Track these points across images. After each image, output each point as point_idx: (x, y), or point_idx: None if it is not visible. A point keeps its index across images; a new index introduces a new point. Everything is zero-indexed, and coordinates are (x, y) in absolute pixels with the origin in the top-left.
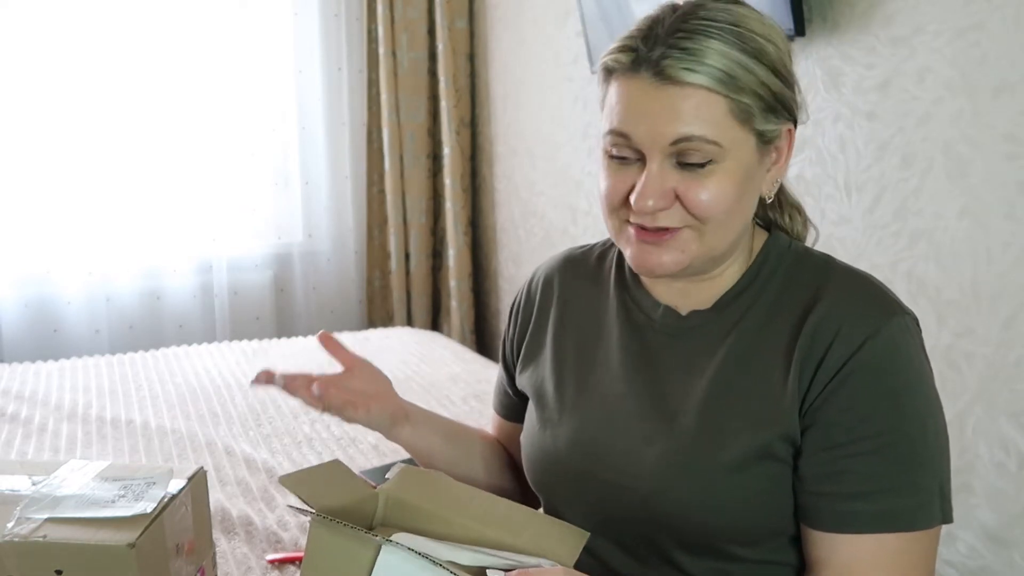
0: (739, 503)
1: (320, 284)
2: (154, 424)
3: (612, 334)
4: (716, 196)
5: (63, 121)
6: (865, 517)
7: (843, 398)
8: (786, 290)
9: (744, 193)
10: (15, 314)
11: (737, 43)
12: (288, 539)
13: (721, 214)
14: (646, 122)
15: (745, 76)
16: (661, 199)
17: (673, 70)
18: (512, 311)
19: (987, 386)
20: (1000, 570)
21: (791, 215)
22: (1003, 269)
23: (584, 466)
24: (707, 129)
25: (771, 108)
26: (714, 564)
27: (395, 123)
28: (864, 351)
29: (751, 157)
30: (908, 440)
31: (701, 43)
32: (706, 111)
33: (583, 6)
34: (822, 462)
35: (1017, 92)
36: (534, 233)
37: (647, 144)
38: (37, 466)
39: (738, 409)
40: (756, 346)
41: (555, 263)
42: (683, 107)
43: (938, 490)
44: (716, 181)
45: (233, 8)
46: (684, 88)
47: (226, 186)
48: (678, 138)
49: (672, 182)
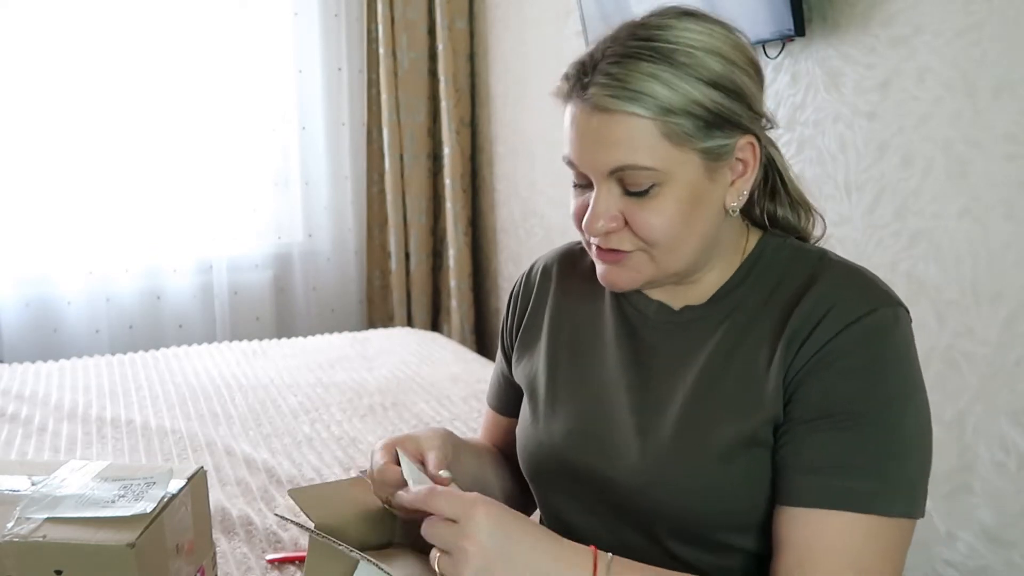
0: (730, 491)
1: (320, 284)
2: (154, 424)
3: (606, 328)
4: (661, 221)
5: (63, 121)
6: (823, 491)
7: (822, 375)
8: (780, 284)
9: (693, 213)
10: (15, 314)
11: (667, 62)
12: (288, 539)
13: (668, 239)
14: (586, 151)
15: (674, 97)
16: (610, 222)
17: (598, 98)
18: (510, 299)
19: (987, 386)
20: (1000, 570)
21: (799, 212)
22: (1003, 269)
23: (578, 458)
24: (640, 156)
25: (713, 124)
26: (711, 555)
27: (395, 123)
28: (850, 331)
29: (698, 176)
30: (882, 424)
31: (628, 67)
32: (638, 137)
33: (583, 6)
34: (793, 435)
35: (1017, 92)
36: (534, 233)
37: (590, 171)
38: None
39: (725, 398)
40: (745, 336)
41: (555, 255)
42: (615, 135)
43: (908, 482)
44: (660, 205)
45: (233, 8)
46: (613, 115)
47: (226, 186)
48: (614, 167)
49: (619, 206)
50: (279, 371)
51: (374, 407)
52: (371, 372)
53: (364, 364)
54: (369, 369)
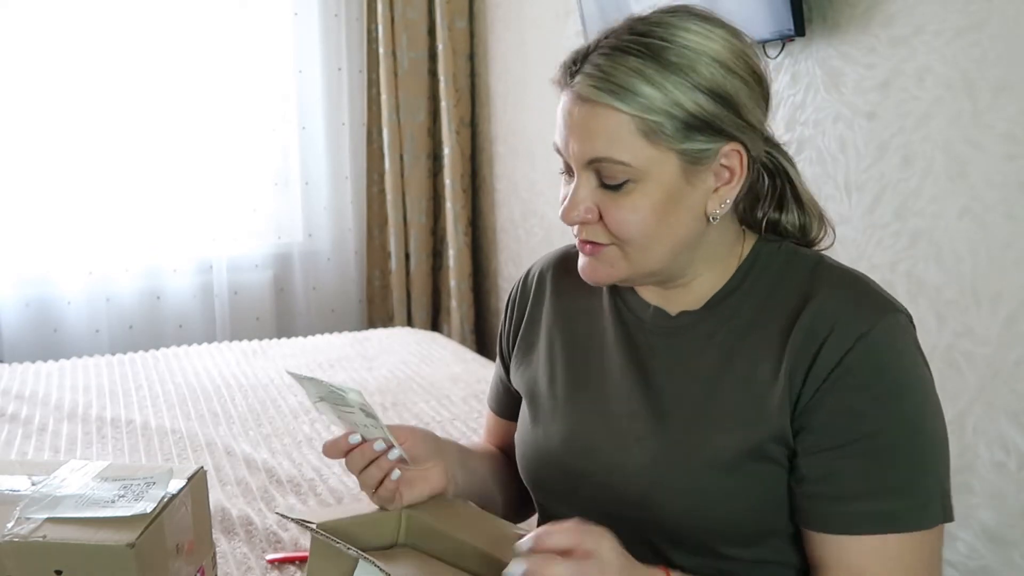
0: (730, 503)
1: (320, 284)
2: (154, 424)
3: (604, 333)
4: (632, 218)
5: (63, 121)
6: (865, 519)
7: (837, 398)
8: (777, 289)
9: (667, 215)
10: (15, 314)
11: (656, 61)
12: (288, 539)
13: (639, 236)
14: (570, 139)
15: (655, 94)
16: (586, 213)
17: (583, 87)
18: (508, 305)
19: (987, 386)
20: (1000, 570)
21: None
22: (1003, 269)
23: (576, 464)
24: (616, 150)
25: (694, 127)
26: (710, 563)
27: (395, 123)
28: (857, 350)
29: (674, 177)
30: (905, 439)
31: (616, 61)
32: (616, 131)
33: (583, 6)
34: (819, 463)
35: (1017, 92)
36: (534, 233)
37: (572, 160)
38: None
39: (727, 409)
40: (746, 345)
41: (551, 260)
42: (594, 126)
43: (938, 489)
44: (632, 203)
45: (233, 8)
46: (595, 107)
47: (226, 186)
48: (591, 158)
49: (595, 199)
50: (279, 371)
51: (374, 407)
52: (371, 372)
53: (364, 364)
54: (369, 369)
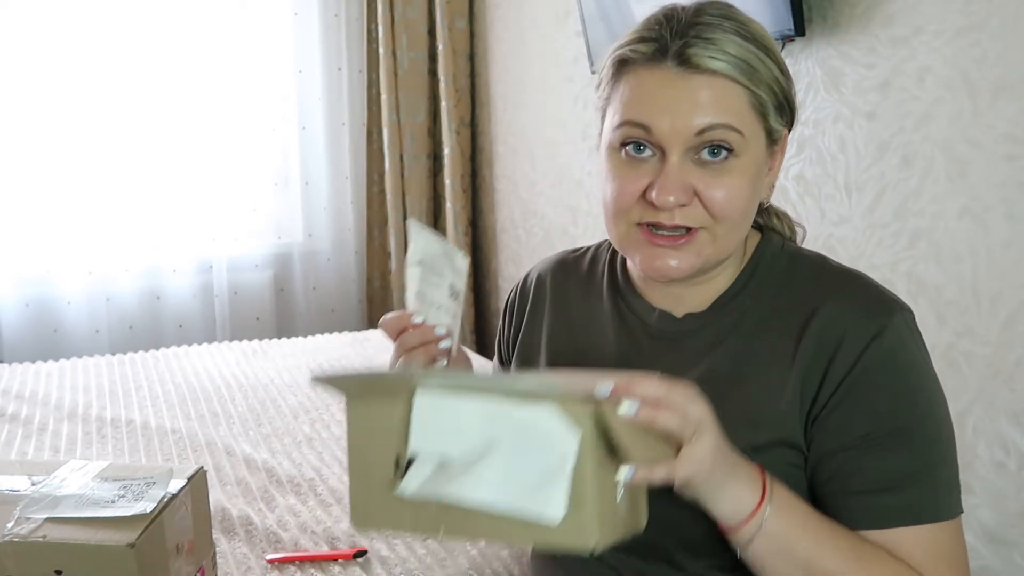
0: None
1: (320, 284)
2: (154, 424)
3: (607, 338)
4: (733, 194)
5: (63, 121)
6: (893, 511)
7: (856, 400)
8: (782, 292)
9: (754, 193)
10: (15, 314)
11: (750, 38)
12: (288, 539)
13: (736, 213)
14: (669, 113)
15: (762, 69)
16: (682, 194)
17: (699, 58)
18: (506, 309)
19: (987, 386)
20: (1000, 570)
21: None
22: (1003, 269)
23: None
24: (731, 117)
25: (781, 106)
26: (718, 564)
27: (395, 123)
28: (871, 352)
29: (761, 155)
30: (924, 433)
31: (720, 34)
32: (728, 100)
33: (583, 6)
34: (844, 461)
35: (1017, 92)
36: (534, 233)
37: (668, 136)
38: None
39: (734, 409)
40: (753, 348)
41: (549, 265)
42: (706, 96)
43: (955, 481)
44: (733, 178)
45: (233, 8)
46: (708, 77)
47: (226, 186)
48: (703, 127)
49: (691, 179)
50: (279, 371)
51: None
52: None
53: (364, 364)
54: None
